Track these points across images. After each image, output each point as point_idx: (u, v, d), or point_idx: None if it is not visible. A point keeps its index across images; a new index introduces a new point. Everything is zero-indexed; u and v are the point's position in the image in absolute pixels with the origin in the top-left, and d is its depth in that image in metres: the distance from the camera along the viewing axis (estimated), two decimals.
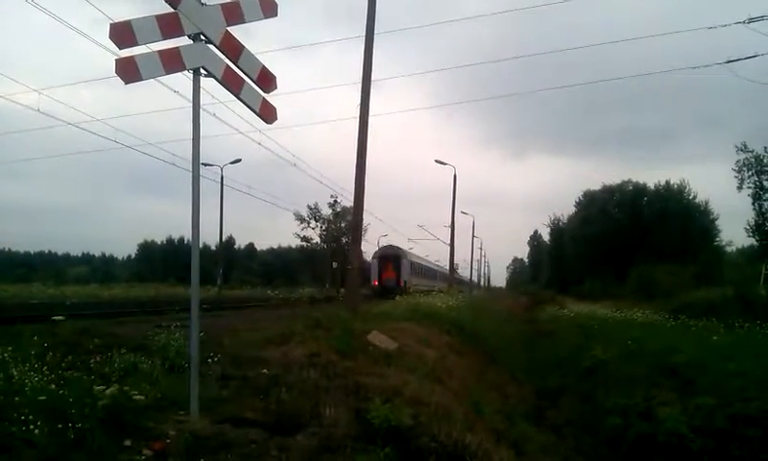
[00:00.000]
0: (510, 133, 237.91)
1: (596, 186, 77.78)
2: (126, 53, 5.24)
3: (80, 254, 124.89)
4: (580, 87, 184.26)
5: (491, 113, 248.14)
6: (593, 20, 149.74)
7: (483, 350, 19.07)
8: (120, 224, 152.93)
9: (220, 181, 46.40)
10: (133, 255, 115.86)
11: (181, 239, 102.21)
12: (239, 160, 48.38)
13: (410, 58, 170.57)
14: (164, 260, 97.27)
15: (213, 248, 63.62)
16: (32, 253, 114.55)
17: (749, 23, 32.76)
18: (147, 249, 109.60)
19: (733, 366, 12.52)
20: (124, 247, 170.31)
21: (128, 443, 4.56)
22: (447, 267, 51.47)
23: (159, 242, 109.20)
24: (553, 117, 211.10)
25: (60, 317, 13.48)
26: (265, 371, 7.98)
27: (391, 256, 48.44)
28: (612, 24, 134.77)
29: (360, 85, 19.17)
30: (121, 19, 5.27)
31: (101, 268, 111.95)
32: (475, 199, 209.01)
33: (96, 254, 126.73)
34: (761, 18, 33.36)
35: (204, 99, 5.82)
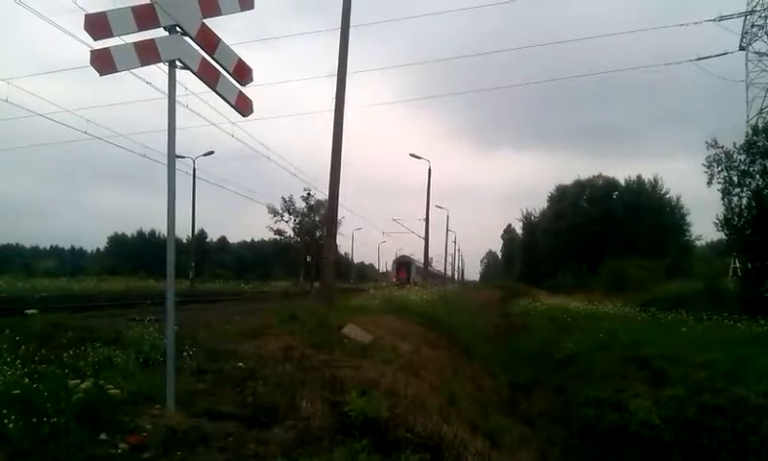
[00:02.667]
0: (482, 128, 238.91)
1: (568, 181, 78.40)
2: (100, 44, 5.20)
3: (48, 247, 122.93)
4: (550, 83, 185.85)
5: (462, 108, 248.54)
6: (566, 16, 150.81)
7: (457, 342, 19.21)
8: (90, 216, 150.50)
9: (192, 173, 46.05)
10: (103, 248, 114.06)
11: (153, 232, 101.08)
12: (212, 153, 48.05)
13: (381, 51, 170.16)
14: (135, 253, 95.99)
15: (185, 241, 62.84)
16: None
17: (719, 21, 33.51)
18: (117, 241, 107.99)
19: (702, 358, 12.75)
20: (93, 240, 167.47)
21: (103, 437, 4.52)
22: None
23: (130, 235, 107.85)
24: (524, 112, 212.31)
25: (34, 310, 13.25)
26: (241, 364, 7.97)
27: (404, 263, 73.45)
28: (584, 20, 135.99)
29: (336, 77, 19.12)
30: (96, 10, 5.22)
31: (70, 261, 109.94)
32: (449, 193, 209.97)
33: (65, 247, 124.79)
34: (731, 16, 34.09)
35: (176, 90, 5.78)
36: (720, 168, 26.75)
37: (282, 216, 59.74)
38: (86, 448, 4.20)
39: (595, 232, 67.58)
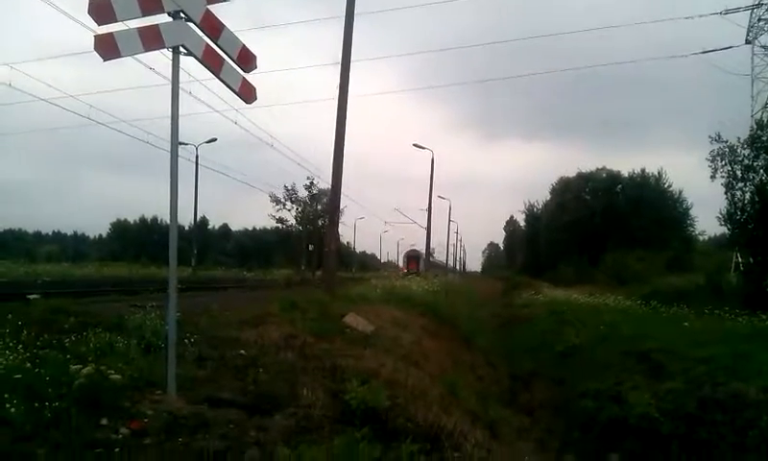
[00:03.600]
0: (486, 118, 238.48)
1: (571, 173, 78.27)
2: (104, 29, 5.17)
3: (51, 233, 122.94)
4: (555, 74, 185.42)
5: (465, 98, 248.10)
6: (572, 7, 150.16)
7: (458, 333, 19.21)
8: (92, 202, 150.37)
9: (195, 160, 45.99)
10: (105, 234, 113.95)
11: (155, 218, 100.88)
12: (215, 140, 47.98)
13: (385, 39, 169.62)
14: (137, 239, 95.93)
15: (186, 228, 62.83)
16: (1, 230, 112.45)
17: (725, 15, 33.29)
18: (120, 228, 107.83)
19: (702, 352, 12.74)
20: (96, 225, 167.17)
21: (104, 422, 4.53)
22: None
23: (132, 221, 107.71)
24: (529, 103, 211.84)
25: (36, 295, 13.26)
26: (242, 352, 7.97)
27: (414, 256, 78.31)
28: (591, 11, 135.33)
29: (339, 67, 19.06)
30: None
31: (72, 246, 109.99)
32: (451, 184, 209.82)
33: (68, 233, 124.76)
34: (737, 10, 33.87)
35: (180, 77, 5.75)
36: (724, 162, 26.60)
37: (284, 204, 59.62)
38: (87, 433, 4.21)
39: (598, 225, 67.50)
